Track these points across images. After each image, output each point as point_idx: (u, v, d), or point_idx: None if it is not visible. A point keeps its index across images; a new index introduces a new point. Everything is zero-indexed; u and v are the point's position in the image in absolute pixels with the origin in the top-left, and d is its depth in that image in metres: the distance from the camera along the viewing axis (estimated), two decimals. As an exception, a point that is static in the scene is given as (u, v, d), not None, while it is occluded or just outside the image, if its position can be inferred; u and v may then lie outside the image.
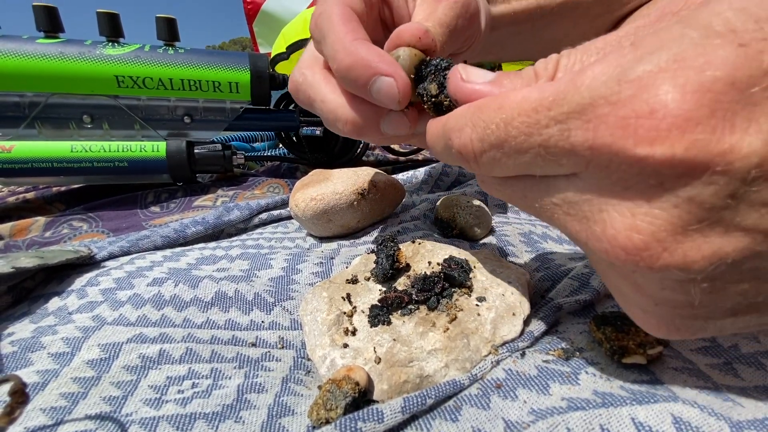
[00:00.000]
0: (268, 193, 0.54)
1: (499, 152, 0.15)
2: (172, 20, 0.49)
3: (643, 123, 0.11)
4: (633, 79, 0.12)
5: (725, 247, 0.12)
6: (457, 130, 0.16)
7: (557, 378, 0.19)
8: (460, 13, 0.25)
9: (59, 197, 0.55)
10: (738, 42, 0.11)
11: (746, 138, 0.11)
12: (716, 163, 0.11)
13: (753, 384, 0.18)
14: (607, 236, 0.13)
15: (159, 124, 0.51)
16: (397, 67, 0.21)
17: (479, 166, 0.16)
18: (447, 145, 0.17)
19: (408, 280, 0.25)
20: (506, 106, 0.15)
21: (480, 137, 0.15)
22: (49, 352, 0.22)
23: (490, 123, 0.15)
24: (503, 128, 0.15)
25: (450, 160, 0.19)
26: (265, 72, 0.50)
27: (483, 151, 0.16)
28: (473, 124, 0.16)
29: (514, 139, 0.14)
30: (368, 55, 0.21)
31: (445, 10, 0.25)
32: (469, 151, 0.16)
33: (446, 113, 0.18)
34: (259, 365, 0.23)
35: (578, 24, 0.38)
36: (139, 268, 0.30)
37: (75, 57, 0.45)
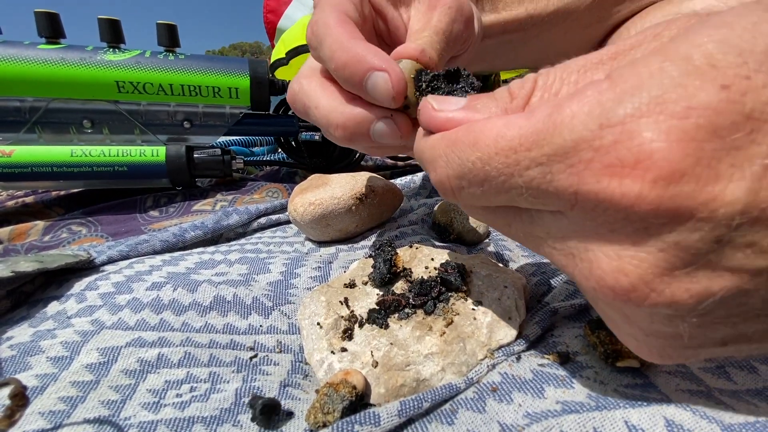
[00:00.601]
0: (267, 198, 0.54)
1: (479, 189, 0.15)
2: (172, 26, 0.49)
3: (628, 173, 0.11)
4: (615, 124, 0.12)
5: (712, 287, 0.12)
6: (431, 163, 0.16)
7: (552, 381, 0.19)
8: (455, 18, 0.25)
9: (58, 201, 0.55)
10: (720, 83, 0.11)
11: (730, 185, 0.11)
12: (701, 210, 0.11)
13: (745, 387, 0.18)
14: (594, 276, 0.13)
15: (159, 129, 0.51)
16: (391, 62, 0.21)
17: (458, 199, 0.16)
18: (427, 170, 0.17)
19: (405, 284, 0.25)
20: (481, 142, 0.14)
21: (456, 174, 0.15)
22: (48, 356, 0.22)
23: (465, 160, 0.15)
24: (480, 167, 0.14)
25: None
26: (265, 78, 0.51)
27: (461, 187, 0.15)
28: (447, 161, 0.15)
29: (494, 179, 0.14)
30: (364, 51, 0.21)
31: (440, 17, 0.25)
32: (447, 187, 0.16)
33: None
34: (257, 369, 0.23)
35: (570, 32, 0.39)
36: (138, 273, 0.31)
37: (76, 62, 0.45)
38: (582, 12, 0.38)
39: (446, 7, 0.25)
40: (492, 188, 0.14)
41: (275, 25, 1.08)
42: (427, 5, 0.26)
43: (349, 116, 0.22)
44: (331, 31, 0.22)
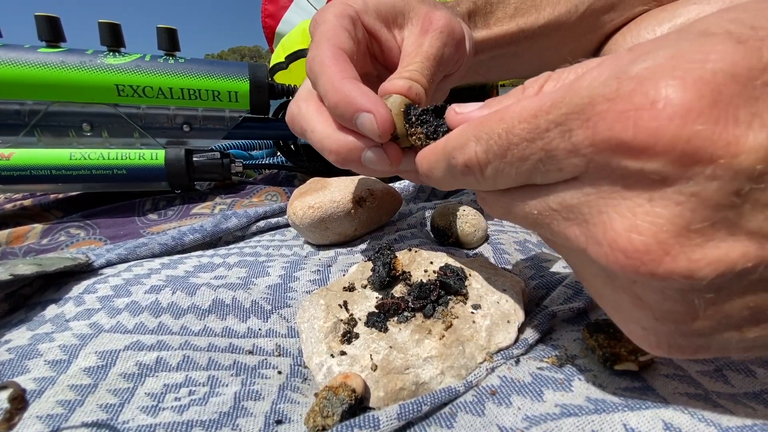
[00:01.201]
0: (266, 201, 0.54)
1: (503, 161, 0.15)
2: (172, 30, 0.50)
3: (642, 114, 0.11)
4: (632, 76, 0.12)
5: (731, 253, 0.11)
6: (460, 147, 0.17)
7: (551, 385, 0.19)
8: (447, 42, 0.26)
9: (57, 204, 0.55)
10: (736, 39, 0.11)
11: (750, 132, 0.10)
12: (720, 155, 0.11)
13: (743, 390, 0.18)
14: (607, 239, 0.13)
15: (158, 132, 0.51)
16: (377, 103, 0.22)
17: (485, 179, 0.17)
18: (450, 164, 0.18)
19: (405, 287, 0.25)
20: (507, 117, 0.15)
21: (484, 149, 0.16)
22: (46, 360, 0.22)
23: (492, 134, 0.15)
24: (505, 137, 0.15)
25: (452, 181, 0.19)
26: (264, 81, 0.51)
27: (488, 161, 0.16)
28: (476, 138, 0.16)
29: (516, 146, 0.14)
30: (352, 93, 0.22)
31: (432, 42, 0.26)
32: (475, 163, 0.16)
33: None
34: (256, 373, 0.23)
35: (563, 44, 0.39)
36: (136, 276, 0.31)
37: (76, 66, 0.46)
38: (573, 23, 0.38)
39: (438, 32, 0.26)
40: (514, 156, 0.15)
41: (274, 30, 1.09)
42: (419, 29, 0.27)
43: (341, 143, 0.24)
44: (324, 70, 0.23)
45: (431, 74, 0.25)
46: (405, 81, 0.23)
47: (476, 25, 0.35)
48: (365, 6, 0.27)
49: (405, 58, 0.26)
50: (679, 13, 0.37)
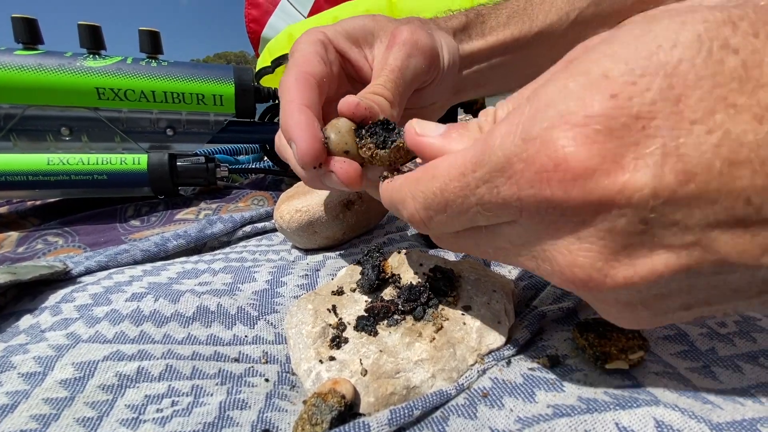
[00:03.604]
0: (253, 206, 0.53)
1: (444, 215, 0.17)
2: (155, 33, 0.49)
3: (553, 176, 0.13)
4: (534, 138, 0.14)
5: (656, 265, 0.14)
6: (400, 203, 0.19)
7: (543, 385, 0.19)
8: (411, 52, 0.28)
9: (34, 212, 0.53)
10: (609, 92, 0.13)
11: (636, 174, 0.13)
12: (618, 198, 0.13)
13: (731, 386, 0.19)
14: (556, 272, 0.15)
15: (141, 136, 0.50)
16: (303, 132, 0.23)
17: (429, 229, 0.18)
18: (397, 211, 0.20)
19: (394, 290, 0.25)
20: (438, 174, 0.17)
21: (423, 206, 0.17)
22: (20, 372, 0.21)
23: (428, 193, 0.17)
24: (440, 195, 0.16)
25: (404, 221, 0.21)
26: (250, 85, 0.50)
27: (429, 217, 0.17)
28: (413, 197, 0.18)
29: (453, 202, 0.16)
30: (287, 121, 0.24)
31: (396, 55, 0.28)
32: (417, 219, 0.18)
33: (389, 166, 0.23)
34: (242, 381, 0.22)
35: (555, 51, 0.40)
36: (117, 283, 0.30)
37: (54, 69, 0.44)
38: (564, 31, 0.39)
39: (401, 44, 0.28)
40: (454, 211, 0.16)
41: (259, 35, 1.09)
42: (385, 45, 0.29)
43: (300, 173, 0.27)
44: (284, 95, 0.26)
45: (396, 86, 0.27)
46: (354, 99, 0.24)
47: (471, 37, 0.36)
48: (336, 31, 0.29)
49: (374, 74, 0.28)
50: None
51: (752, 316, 0.22)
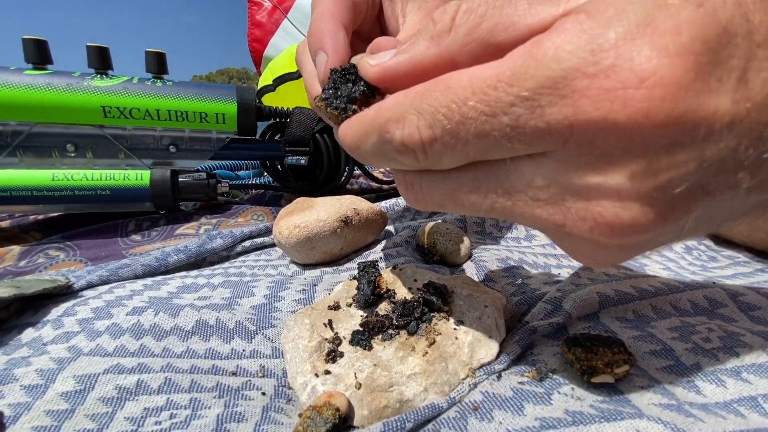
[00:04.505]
0: (252, 221, 0.54)
1: (454, 138, 0.14)
2: (161, 54, 0.50)
3: (633, 93, 0.11)
4: (608, 48, 0.11)
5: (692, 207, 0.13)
6: (396, 121, 0.15)
7: (531, 399, 0.19)
8: None
9: (36, 226, 0.54)
10: (695, 2, 0.11)
11: (719, 98, 0.11)
12: (701, 126, 0.11)
13: (714, 400, 0.19)
14: (592, 215, 0.13)
15: (144, 153, 0.51)
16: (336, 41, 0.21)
17: (427, 157, 0.15)
18: (383, 139, 0.15)
19: (389, 305, 0.25)
20: (454, 86, 0.13)
21: (429, 124, 0.14)
22: (22, 385, 0.22)
23: (439, 106, 0.14)
24: (457, 110, 0.13)
25: (381, 159, 0.17)
26: (252, 104, 0.52)
27: (434, 138, 0.14)
28: (418, 111, 0.14)
29: (473, 120, 0.13)
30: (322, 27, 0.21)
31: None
32: (417, 140, 0.14)
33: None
34: (239, 394, 0.22)
35: None
36: (118, 297, 0.30)
37: (62, 88, 0.46)
38: None
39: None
40: (468, 133, 0.13)
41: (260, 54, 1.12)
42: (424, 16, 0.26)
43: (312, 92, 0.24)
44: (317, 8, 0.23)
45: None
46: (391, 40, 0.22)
47: None
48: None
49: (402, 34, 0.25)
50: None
51: (735, 332, 0.23)
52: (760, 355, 0.21)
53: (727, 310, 0.26)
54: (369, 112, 0.16)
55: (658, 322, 0.24)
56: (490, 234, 0.43)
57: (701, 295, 0.27)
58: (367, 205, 0.40)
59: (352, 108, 0.19)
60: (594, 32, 0.12)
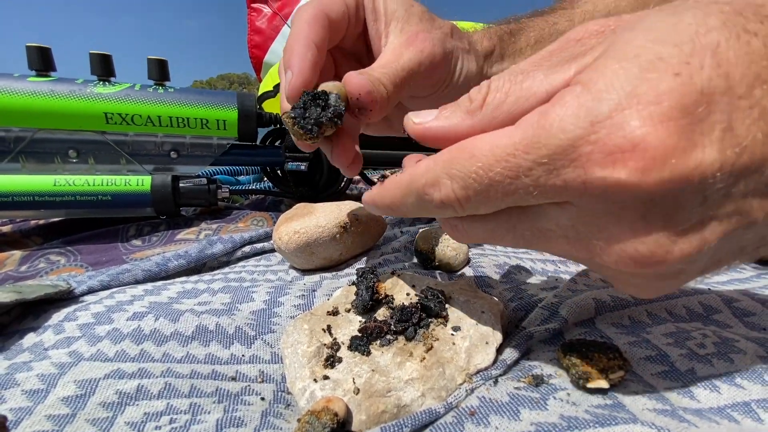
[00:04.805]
0: (252, 227, 0.54)
1: (485, 196, 0.16)
2: (163, 61, 0.51)
3: (629, 157, 0.13)
4: (603, 119, 0.14)
5: (707, 236, 0.14)
6: (432, 185, 0.18)
7: (527, 404, 0.19)
8: (423, 63, 0.28)
9: (37, 231, 0.54)
10: (672, 71, 0.13)
11: (705, 151, 0.13)
12: (693, 176, 0.13)
13: (708, 405, 0.19)
14: (613, 252, 0.15)
15: (145, 159, 0.51)
16: (301, 61, 0.24)
17: (464, 210, 0.18)
18: (423, 199, 0.18)
19: (387, 311, 0.26)
20: (478, 155, 0.16)
21: (462, 186, 0.17)
22: (23, 390, 0.22)
23: (468, 172, 0.16)
24: (484, 175, 0.16)
25: (422, 213, 0.20)
26: (253, 110, 0.52)
27: (468, 197, 0.17)
28: (449, 176, 0.17)
29: (499, 183, 0.16)
30: (293, 47, 0.25)
31: (412, 56, 0.28)
32: (454, 200, 0.17)
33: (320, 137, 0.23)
34: (238, 399, 0.23)
35: None
36: (119, 303, 0.30)
37: (65, 94, 0.46)
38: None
39: (420, 51, 0.28)
40: (498, 192, 0.16)
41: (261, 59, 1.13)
42: (405, 40, 0.28)
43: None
44: (296, 26, 0.26)
45: (400, 83, 0.27)
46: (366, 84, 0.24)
47: (503, 59, 0.37)
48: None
49: (382, 59, 0.28)
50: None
51: (730, 338, 0.23)
52: (754, 361, 0.21)
53: (722, 316, 0.26)
54: (403, 177, 0.19)
55: (653, 328, 0.25)
56: (488, 240, 0.43)
57: (696, 301, 0.27)
58: (366, 211, 0.40)
59: (318, 131, 0.23)
60: (590, 105, 0.14)
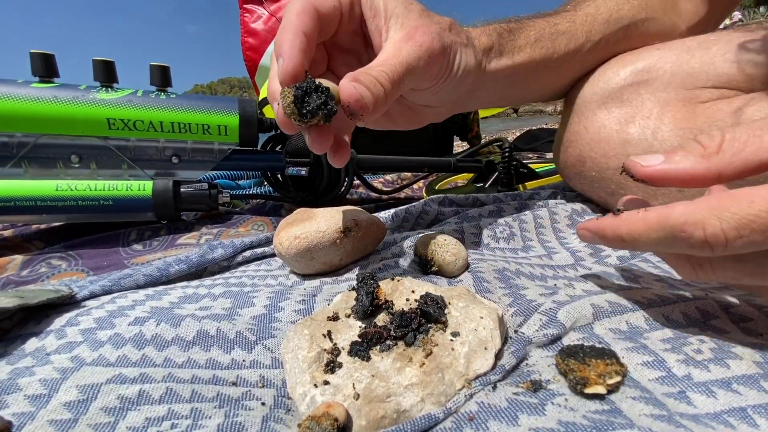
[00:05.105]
0: (253, 231, 0.55)
1: (757, 236, 0.18)
2: (165, 68, 0.52)
3: None
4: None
5: None
6: (694, 224, 0.19)
7: (525, 409, 0.20)
8: (422, 56, 0.29)
9: (38, 235, 0.54)
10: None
11: None
12: None
13: (704, 411, 0.19)
14: None
15: (147, 164, 0.52)
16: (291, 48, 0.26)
17: (725, 251, 0.19)
18: (676, 236, 0.20)
19: (387, 316, 0.26)
20: (758, 201, 0.18)
21: (735, 227, 0.18)
22: (26, 394, 0.22)
23: (744, 216, 0.18)
24: (762, 220, 0.18)
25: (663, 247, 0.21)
26: (254, 116, 0.53)
27: (737, 237, 0.18)
28: (719, 218, 0.18)
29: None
30: (285, 37, 0.26)
31: (410, 51, 0.28)
32: (722, 240, 0.19)
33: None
34: (239, 404, 0.23)
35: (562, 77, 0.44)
36: (120, 308, 0.31)
37: (68, 100, 0.47)
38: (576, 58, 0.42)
39: (418, 45, 0.29)
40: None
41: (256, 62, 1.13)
42: (404, 35, 0.29)
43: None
44: (286, 17, 0.27)
45: (399, 79, 0.28)
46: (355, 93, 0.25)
47: (501, 55, 0.38)
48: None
49: (382, 54, 0.29)
50: (642, 57, 0.41)
51: (727, 343, 0.23)
52: (750, 367, 0.22)
53: (720, 321, 0.26)
54: (651, 215, 0.21)
55: (650, 334, 0.25)
56: (487, 245, 0.43)
57: (694, 306, 0.27)
58: (367, 216, 0.40)
59: (309, 118, 0.25)
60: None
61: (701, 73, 0.38)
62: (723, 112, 0.35)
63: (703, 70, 0.38)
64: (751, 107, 0.34)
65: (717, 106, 0.36)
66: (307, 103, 0.25)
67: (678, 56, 0.39)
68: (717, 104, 0.36)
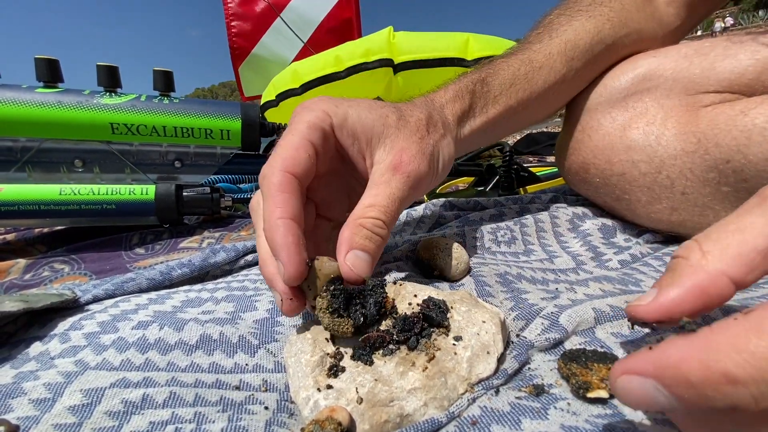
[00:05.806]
0: (254, 235, 0.55)
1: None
2: (168, 73, 0.52)
3: None
4: None
5: None
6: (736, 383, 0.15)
7: (528, 414, 0.20)
8: (413, 185, 0.29)
9: (41, 239, 0.54)
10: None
11: None
12: None
13: (707, 416, 0.20)
14: None
15: (150, 168, 0.52)
16: (292, 255, 0.24)
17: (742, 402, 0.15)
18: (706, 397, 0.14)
19: (390, 320, 0.26)
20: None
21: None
22: (30, 399, 0.22)
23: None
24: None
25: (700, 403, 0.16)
26: (256, 121, 0.53)
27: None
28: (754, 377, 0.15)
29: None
30: (276, 239, 0.24)
31: (400, 185, 0.28)
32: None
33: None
34: (242, 408, 0.23)
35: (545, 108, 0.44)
36: (123, 312, 0.31)
37: (72, 105, 0.47)
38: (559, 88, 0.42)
39: (405, 176, 0.28)
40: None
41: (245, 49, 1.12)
42: (390, 163, 0.29)
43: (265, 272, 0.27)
44: (267, 198, 0.26)
45: (393, 216, 0.28)
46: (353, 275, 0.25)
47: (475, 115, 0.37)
48: (343, 122, 0.29)
49: (372, 187, 0.28)
50: (640, 64, 0.42)
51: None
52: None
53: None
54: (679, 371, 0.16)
55: (652, 337, 0.25)
56: (489, 249, 0.43)
57: (695, 310, 0.28)
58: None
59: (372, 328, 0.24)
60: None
61: (703, 79, 0.38)
62: (726, 115, 0.35)
63: (704, 76, 0.38)
64: (754, 110, 0.34)
65: (720, 110, 0.36)
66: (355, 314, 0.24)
67: (676, 63, 0.40)
68: (720, 107, 0.36)
